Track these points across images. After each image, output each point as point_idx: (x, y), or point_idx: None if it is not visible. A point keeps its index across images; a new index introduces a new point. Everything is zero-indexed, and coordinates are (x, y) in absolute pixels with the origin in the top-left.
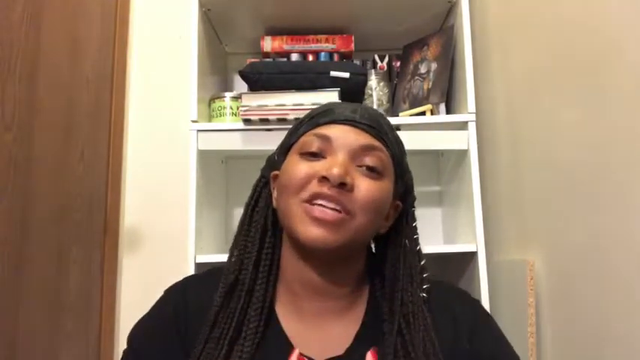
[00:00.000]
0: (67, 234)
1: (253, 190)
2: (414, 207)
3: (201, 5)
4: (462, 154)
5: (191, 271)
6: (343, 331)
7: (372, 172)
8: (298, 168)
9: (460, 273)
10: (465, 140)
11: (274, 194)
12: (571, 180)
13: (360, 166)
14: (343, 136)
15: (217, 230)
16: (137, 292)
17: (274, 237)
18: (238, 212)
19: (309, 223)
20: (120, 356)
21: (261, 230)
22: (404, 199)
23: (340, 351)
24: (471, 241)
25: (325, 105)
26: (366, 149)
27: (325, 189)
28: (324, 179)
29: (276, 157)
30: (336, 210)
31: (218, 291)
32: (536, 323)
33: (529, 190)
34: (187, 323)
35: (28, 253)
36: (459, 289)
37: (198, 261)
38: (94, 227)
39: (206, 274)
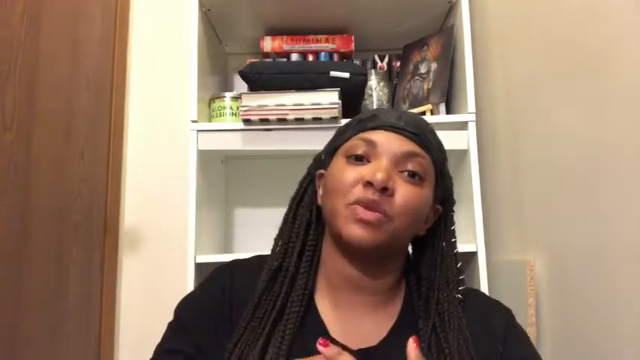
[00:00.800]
0: (67, 234)
1: (299, 186)
2: (453, 211)
3: (201, 5)
4: (462, 154)
5: (191, 271)
6: (378, 326)
7: (413, 177)
8: (346, 173)
9: None
10: (465, 140)
11: (319, 192)
12: (571, 180)
13: (402, 172)
14: (387, 142)
15: (217, 230)
16: (137, 292)
17: (317, 231)
18: (238, 212)
19: (353, 224)
20: (119, 356)
21: (306, 224)
22: (444, 203)
23: (374, 342)
24: (471, 241)
25: (372, 110)
26: (409, 155)
27: (369, 194)
28: (368, 184)
29: (322, 157)
30: (377, 212)
31: (262, 274)
32: (536, 323)
33: (529, 190)
34: (232, 302)
35: (28, 253)
36: (491, 297)
37: (198, 261)
38: (94, 227)
39: (251, 259)
